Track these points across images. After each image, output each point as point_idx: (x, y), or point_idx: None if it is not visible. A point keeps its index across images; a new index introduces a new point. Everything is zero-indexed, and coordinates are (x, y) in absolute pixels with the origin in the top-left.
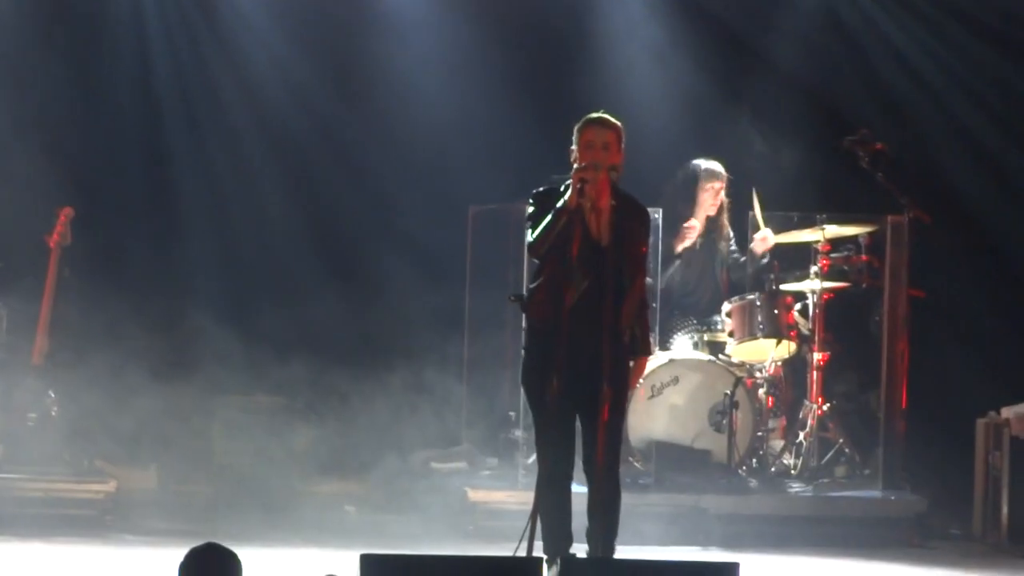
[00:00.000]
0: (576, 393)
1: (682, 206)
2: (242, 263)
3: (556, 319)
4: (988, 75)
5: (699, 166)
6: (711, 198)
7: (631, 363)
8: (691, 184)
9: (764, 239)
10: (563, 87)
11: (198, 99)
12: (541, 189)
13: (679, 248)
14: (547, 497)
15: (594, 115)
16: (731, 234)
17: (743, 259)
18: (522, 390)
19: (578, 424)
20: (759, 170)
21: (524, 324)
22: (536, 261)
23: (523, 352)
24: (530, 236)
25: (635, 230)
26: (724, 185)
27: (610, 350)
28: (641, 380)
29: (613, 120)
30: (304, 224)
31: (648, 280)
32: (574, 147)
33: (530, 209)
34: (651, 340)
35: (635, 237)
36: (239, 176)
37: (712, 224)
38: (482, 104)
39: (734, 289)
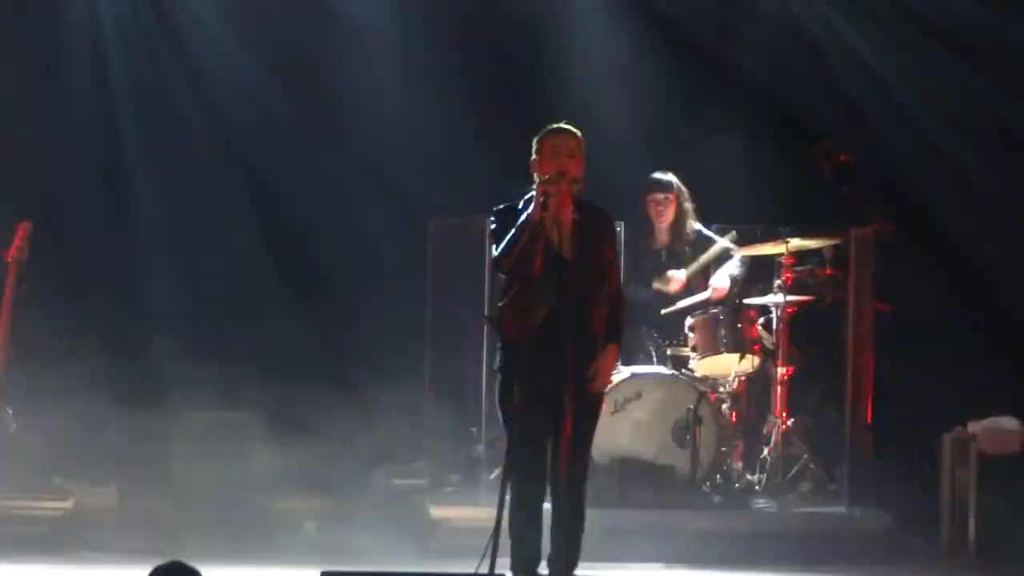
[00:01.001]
0: (547, 409)
1: (643, 221)
2: (203, 280)
3: (527, 337)
4: (955, 85)
5: (645, 179)
6: (657, 209)
7: (604, 358)
8: (642, 199)
9: (672, 279)
10: (526, 99)
11: (158, 115)
12: (501, 207)
13: (662, 287)
14: (517, 515)
15: (556, 124)
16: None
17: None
18: (499, 413)
19: None
20: (722, 182)
21: (498, 344)
22: (502, 276)
23: (497, 373)
24: (496, 251)
25: (599, 239)
26: (672, 195)
27: (575, 365)
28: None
29: (574, 129)
30: (265, 239)
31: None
32: (535, 156)
33: (492, 227)
34: (621, 331)
35: (600, 247)
36: (199, 191)
37: (675, 235)
38: (443, 116)
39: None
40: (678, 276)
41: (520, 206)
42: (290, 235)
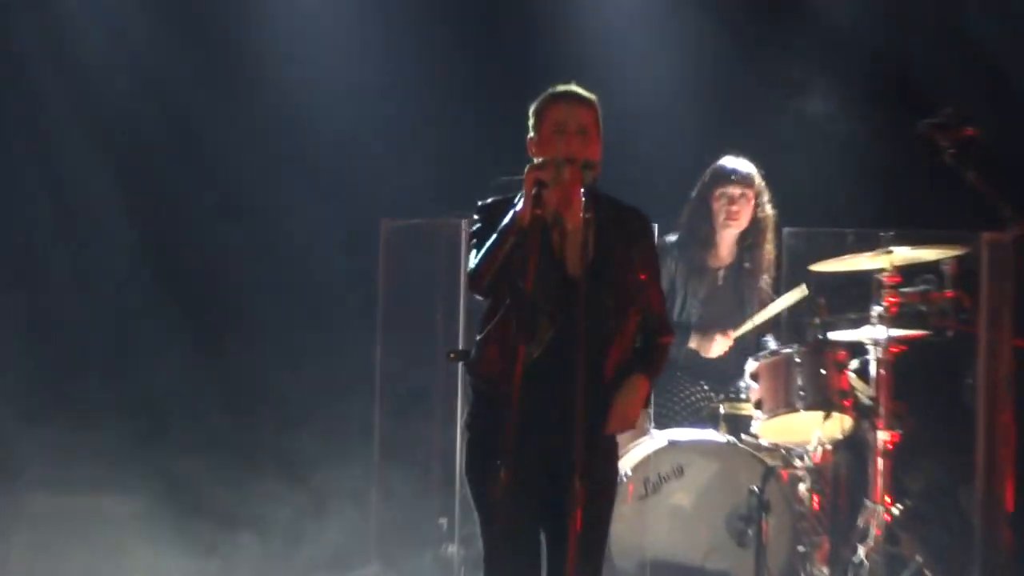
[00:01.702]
0: (538, 493)
1: (701, 226)
2: (60, 310)
3: (513, 385)
4: None
5: (714, 165)
6: (729, 210)
7: (628, 392)
8: (704, 194)
9: (716, 341)
10: (513, 67)
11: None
12: (488, 200)
13: (705, 352)
14: None
15: (561, 88)
16: (774, 262)
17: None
18: (467, 485)
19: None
20: (799, 169)
21: (470, 391)
22: (480, 299)
23: (466, 430)
24: (472, 263)
25: (623, 248)
26: (751, 192)
27: (586, 428)
28: (629, 471)
29: (587, 94)
30: (150, 257)
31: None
32: (533, 134)
33: (475, 226)
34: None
35: (624, 257)
36: (57, 190)
37: (745, 252)
38: (399, 93)
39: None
40: (723, 341)
41: (516, 198)
42: (186, 251)
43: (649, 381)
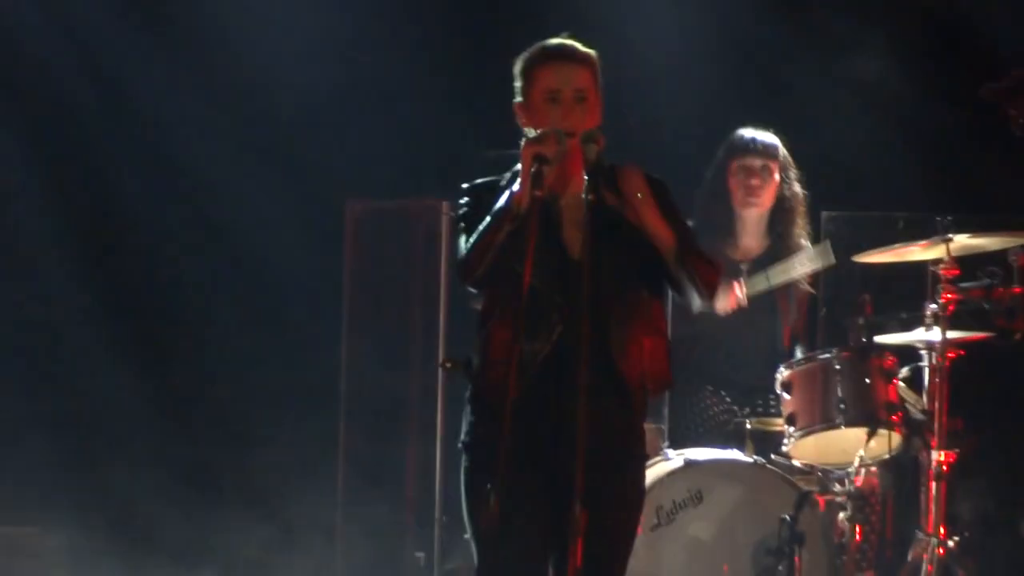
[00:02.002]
0: (544, 520)
1: (718, 210)
2: None
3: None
4: None
5: (729, 138)
6: (748, 185)
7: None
8: (719, 170)
9: (736, 286)
10: (499, 20)
11: None
12: (477, 182)
13: (718, 306)
14: None
15: (553, 41)
16: (806, 247)
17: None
18: (464, 513)
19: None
20: (841, 142)
21: (467, 406)
22: (474, 292)
23: (463, 449)
24: (461, 249)
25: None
26: (774, 164)
27: (602, 440)
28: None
29: (584, 49)
30: (83, 249)
31: None
32: (520, 99)
33: (462, 210)
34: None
35: (632, 231)
36: None
37: (774, 235)
38: (367, 69)
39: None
40: (736, 290)
41: (504, 182)
42: (123, 240)
43: (674, 230)
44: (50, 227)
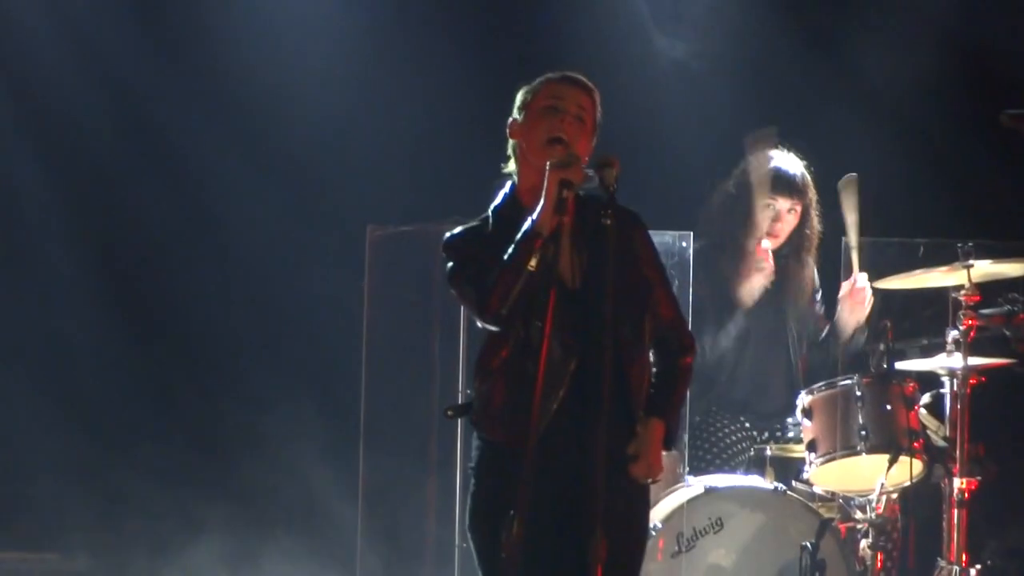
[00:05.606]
0: (556, 549)
1: (735, 230)
2: None
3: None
4: None
5: (756, 166)
6: (773, 221)
7: (644, 439)
8: (744, 199)
9: (854, 291)
10: (510, 62)
11: None
12: (457, 231)
13: (746, 296)
14: None
15: (560, 73)
16: (817, 283)
17: (824, 332)
18: (470, 542)
19: None
20: (860, 165)
21: (475, 440)
22: (492, 329)
23: (472, 481)
24: (477, 294)
25: (624, 253)
26: (799, 204)
27: (609, 470)
28: (659, 523)
29: (589, 82)
30: (101, 275)
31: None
32: (518, 115)
33: (453, 261)
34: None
35: (625, 261)
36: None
37: (787, 263)
38: (386, 93)
39: (814, 373)
40: (863, 283)
41: (480, 223)
42: (141, 268)
43: (666, 421)
44: (77, 253)
